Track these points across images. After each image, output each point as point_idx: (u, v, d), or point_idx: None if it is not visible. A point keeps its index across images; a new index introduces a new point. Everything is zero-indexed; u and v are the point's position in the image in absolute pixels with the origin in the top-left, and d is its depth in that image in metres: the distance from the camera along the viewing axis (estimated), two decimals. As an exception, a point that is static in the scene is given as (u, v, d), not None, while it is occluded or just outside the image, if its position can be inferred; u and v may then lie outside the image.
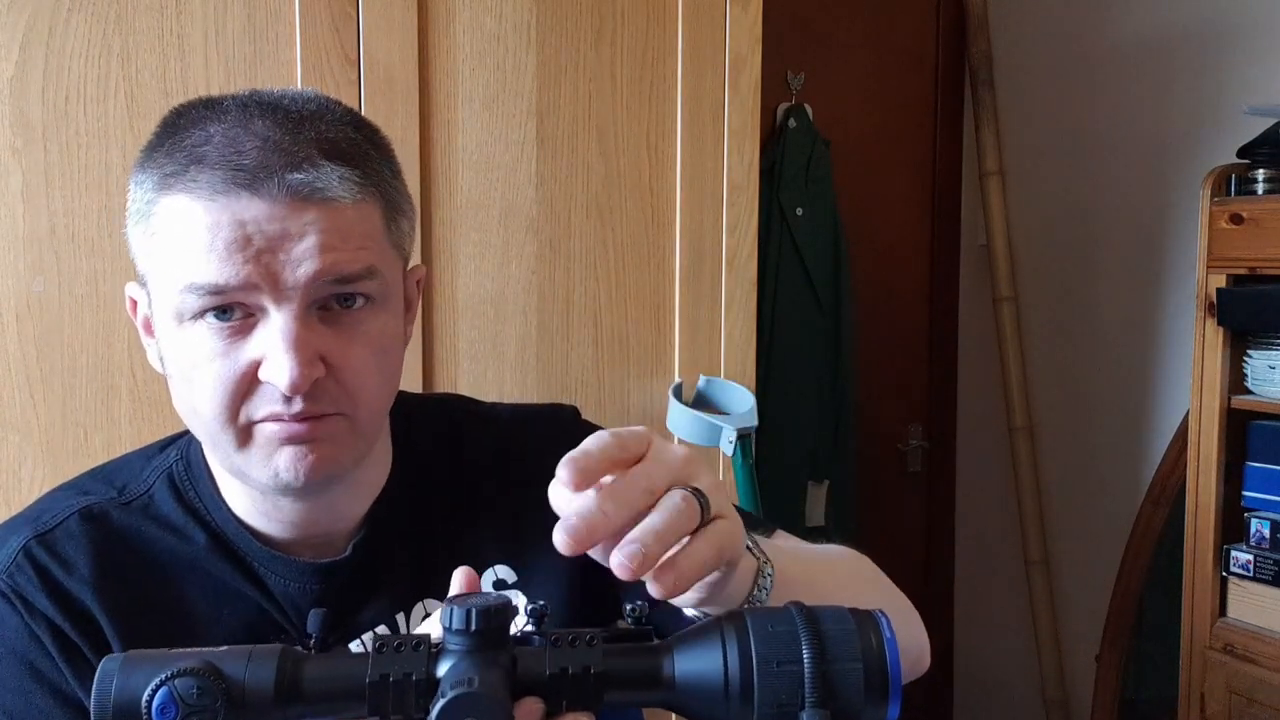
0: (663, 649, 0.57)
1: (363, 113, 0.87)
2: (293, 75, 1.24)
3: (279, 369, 0.69)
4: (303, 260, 0.69)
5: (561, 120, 1.41)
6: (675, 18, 1.48)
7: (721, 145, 1.52)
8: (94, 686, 0.52)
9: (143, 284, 0.76)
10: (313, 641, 0.81)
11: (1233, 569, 1.80)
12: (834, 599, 0.80)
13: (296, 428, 0.72)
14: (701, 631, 0.57)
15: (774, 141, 2.31)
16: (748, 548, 0.71)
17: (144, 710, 0.51)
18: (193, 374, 0.72)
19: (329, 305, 0.72)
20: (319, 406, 0.72)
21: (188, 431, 0.84)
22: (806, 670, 0.53)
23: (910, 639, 0.88)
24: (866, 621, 0.56)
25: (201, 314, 0.70)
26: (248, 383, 0.71)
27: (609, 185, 1.45)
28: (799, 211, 2.29)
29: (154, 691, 0.51)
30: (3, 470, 1.14)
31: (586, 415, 0.99)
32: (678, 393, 1.45)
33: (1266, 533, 1.76)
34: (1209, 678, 1.83)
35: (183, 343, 0.72)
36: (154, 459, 0.85)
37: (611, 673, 0.56)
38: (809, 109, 2.36)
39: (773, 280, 2.25)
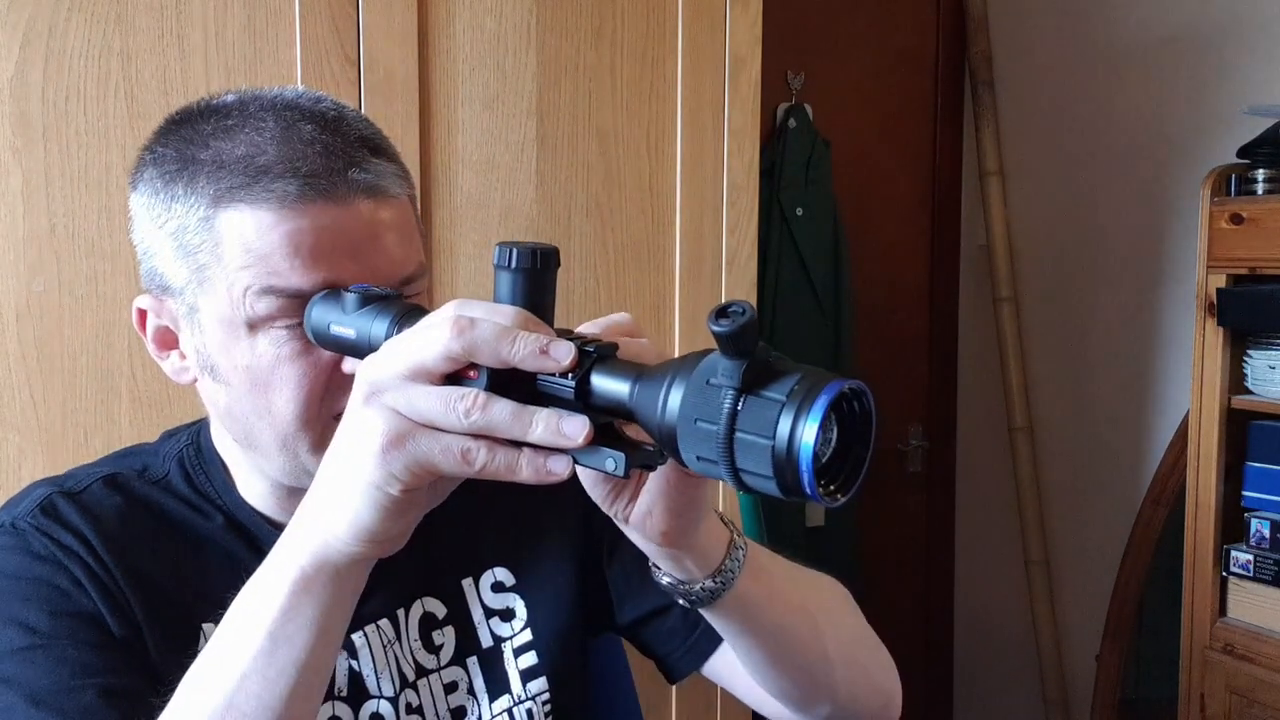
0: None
1: (363, 113, 0.88)
2: (293, 75, 1.24)
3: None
4: (381, 259, 0.71)
5: (561, 120, 1.41)
6: (675, 18, 1.48)
7: (721, 145, 1.52)
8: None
9: (169, 293, 0.75)
10: None
11: (1233, 569, 1.80)
12: (801, 602, 0.81)
13: None
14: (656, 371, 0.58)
15: (774, 141, 2.31)
16: (721, 519, 0.74)
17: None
18: (270, 378, 0.72)
19: None
20: None
21: (195, 423, 0.86)
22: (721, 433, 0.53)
23: (877, 676, 0.89)
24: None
25: (279, 318, 0.71)
26: (327, 377, 0.72)
27: (609, 185, 1.45)
28: (799, 211, 2.29)
29: None
30: (3, 470, 1.14)
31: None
32: (678, 393, 1.45)
33: (1266, 533, 1.76)
34: (1209, 678, 1.83)
35: (254, 349, 0.72)
36: (165, 444, 0.86)
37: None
38: (809, 109, 2.36)
39: (773, 280, 2.25)
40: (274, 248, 0.69)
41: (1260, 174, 1.80)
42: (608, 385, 0.58)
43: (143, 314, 0.78)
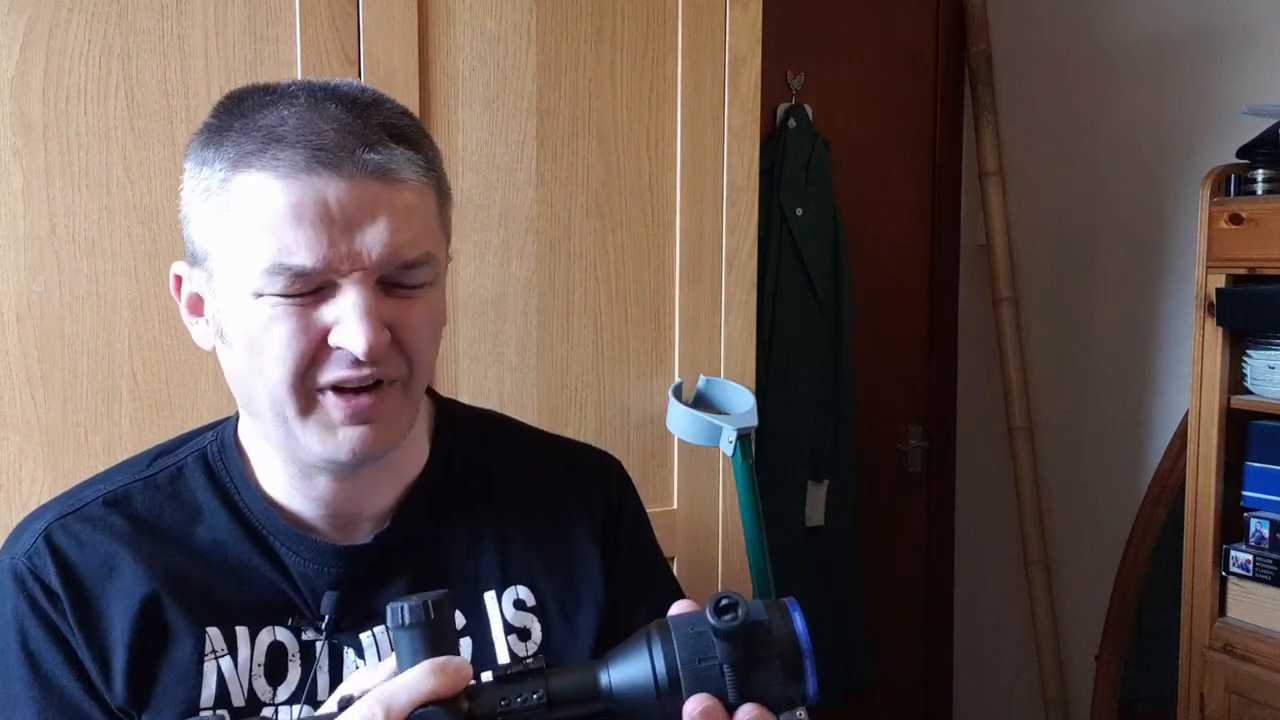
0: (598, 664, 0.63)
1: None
2: (293, 75, 1.24)
3: (354, 335, 0.73)
4: (377, 239, 0.73)
5: (561, 120, 1.41)
6: (675, 18, 1.48)
7: (721, 145, 1.52)
8: None
9: (197, 261, 0.78)
10: (325, 623, 0.82)
11: (1232, 569, 1.80)
12: None
13: (360, 402, 0.75)
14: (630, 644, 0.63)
15: (774, 141, 2.31)
16: None
17: None
18: (263, 341, 0.74)
19: (388, 281, 0.76)
20: (383, 371, 0.76)
21: (225, 420, 0.88)
22: (726, 669, 0.59)
23: None
24: (776, 610, 0.62)
25: (279, 288, 0.73)
26: (317, 348, 0.74)
27: (609, 185, 1.45)
28: (799, 211, 2.29)
29: None
30: (3, 470, 1.14)
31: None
32: (678, 393, 1.45)
33: (1266, 533, 1.76)
34: (1208, 677, 1.83)
35: (254, 313, 0.74)
36: (193, 438, 0.88)
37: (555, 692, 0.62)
38: (809, 109, 2.36)
39: (773, 280, 2.25)
40: (278, 216, 0.71)
41: (1259, 174, 1.80)
42: (570, 683, 0.62)
43: (179, 279, 0.81)
